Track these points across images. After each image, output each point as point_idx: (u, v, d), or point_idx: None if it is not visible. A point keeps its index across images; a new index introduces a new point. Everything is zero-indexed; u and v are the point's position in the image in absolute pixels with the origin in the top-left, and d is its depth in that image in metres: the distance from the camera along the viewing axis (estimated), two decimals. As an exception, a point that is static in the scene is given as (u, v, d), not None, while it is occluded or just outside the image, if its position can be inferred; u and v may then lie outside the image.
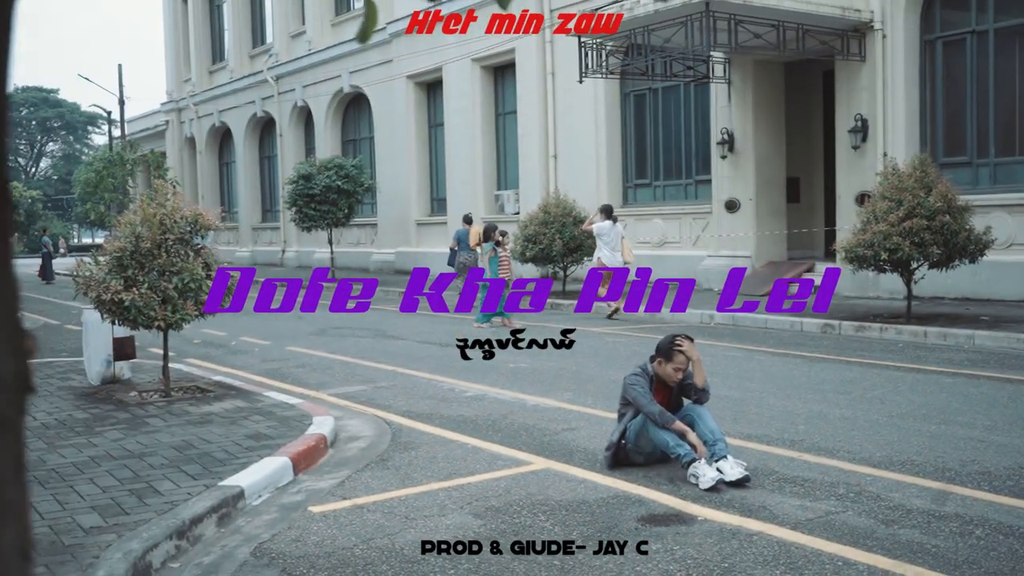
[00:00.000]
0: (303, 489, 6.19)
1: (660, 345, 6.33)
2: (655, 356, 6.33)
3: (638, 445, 6.26)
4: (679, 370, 6.24)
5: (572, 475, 6.24)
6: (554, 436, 7.36)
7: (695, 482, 5.85)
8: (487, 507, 5.62)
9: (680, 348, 6.20)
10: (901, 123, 16.65)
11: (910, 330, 12.76)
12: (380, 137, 30.49)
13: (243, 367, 11.41)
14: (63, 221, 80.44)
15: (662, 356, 6.28)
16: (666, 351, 6.26)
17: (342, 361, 11.64)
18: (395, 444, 7.27)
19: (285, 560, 4.90)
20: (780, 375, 9.85)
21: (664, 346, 6.29)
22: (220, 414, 8.08)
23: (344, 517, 5.54)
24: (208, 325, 16.20)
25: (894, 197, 13.31)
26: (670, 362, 6.23)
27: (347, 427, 7.90)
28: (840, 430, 7.24)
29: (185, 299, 8.83)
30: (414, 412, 8.43)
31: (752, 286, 18.28)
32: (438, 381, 10.00)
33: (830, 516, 5.24)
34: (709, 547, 4.81)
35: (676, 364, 6.23)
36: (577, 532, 5.12)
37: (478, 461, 6.68)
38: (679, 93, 21.42)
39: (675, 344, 6.22)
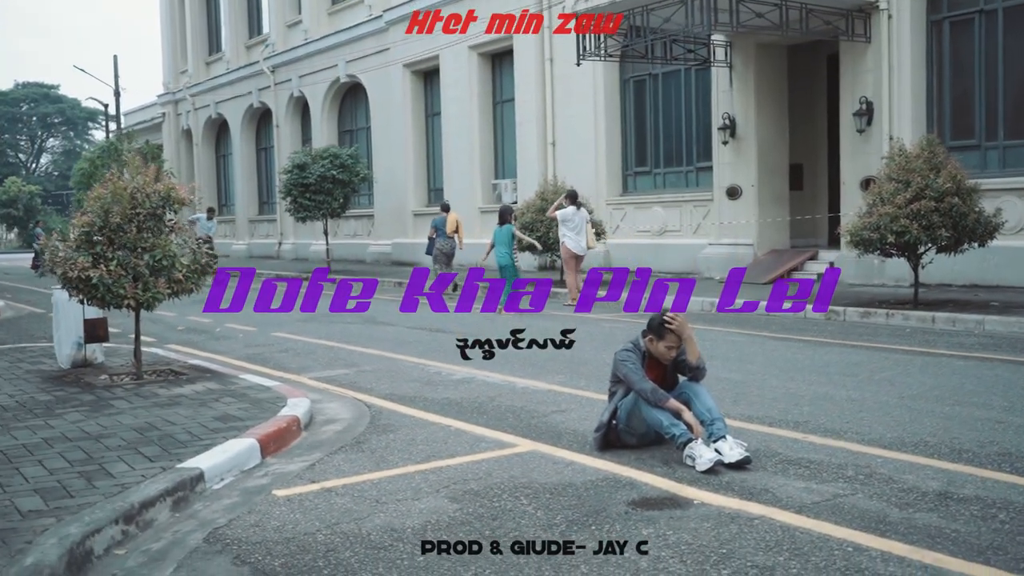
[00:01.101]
0: (270, 472, 5.75)
1: (651, 323, 5.88)
2: (646, 332, 5.88)
3: (630, 425, 5.81)
4: (672, 348, 5.80)
5: (559, 457, 5.79)
6: (542, 418, 6.91)
7: (691, 464, 5.40)
8: (465, 490, 5.17)
9: (671, 326, 5.76)
10: (907, 106, 16.17)
11: (917, 316, 12.30)
12: (376, 127, 30.03)
13: (225, 352, 10.97)
14: (62, 216, 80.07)
15: (653, 334, 5.83)
16: (657, 329, 5.81)
17: (327, 346, 11.20)
18: (373, 427, 6.83)
19: (240, 546, 4.46)
20: (783, 358, 9.40)
21: (655, 324, 5.84)
22: (190, 396, 7.64)
23: (310, 501, 5.10)
24: (194, 313, 15.85)
25: (901, 178, 12.86)
26: (661, 340, 5.79)
27: (324, 410, 7.46)
28: (847, 411, 6.80)
29: (157, 277, 8.38)
30: (397, 395, 7.99)
31: (754, 274, 17.82)
32: (425, 365, 9.56)
33: (838, 499, 4.79)
34: (706, 532, 4.37)
35: (668, 343, 5.79)
36: (561, 516, 4.68)
37: (459, 444, 6.23)
38: (679, 78, 20.95)
39: (665, 322, 5.77)
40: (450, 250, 19.15)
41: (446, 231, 19.16)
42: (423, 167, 28.68)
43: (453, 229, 19.22)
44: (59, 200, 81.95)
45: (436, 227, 19.35)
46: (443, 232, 19.17)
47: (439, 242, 19.09)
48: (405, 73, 28.05)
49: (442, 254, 19.07)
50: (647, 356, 5.87)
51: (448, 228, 19.18)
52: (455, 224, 19.31)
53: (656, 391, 5.63)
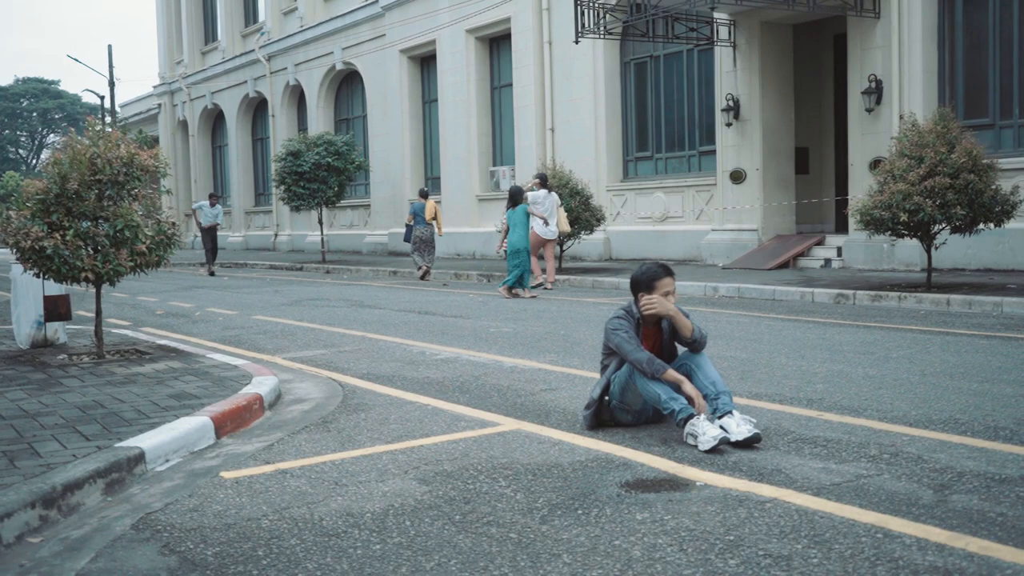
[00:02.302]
0: (223, 453, 5.14)
1: (635, 276, 5.27)
2: (636, 290, 5.26)
3: (624, 401, 5.20)
4: (668, 294, 5.17)
5: (545, 437, 5.18)
6: (530, 397, 6.31)
7: (693, 443, 4.79)
8: (437, 472, 4.57)
9: (661, 273, 5.16)
10: (918, 83, 15.53)
11: (931, 298, 11.68)
12: (373, 115, 29.42)
13: (200, 334, 10.37)
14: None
15: (642, 288, 5.21)
16: (646, 281, 5.19)
17: (308, 328, 10.60)
18: (345, 406, 6.22)
19: (172, 533, 3.86)
20: (791, 337, 8.79)
21: (641, 275, 5.23)
22: (148, 375, 7.03)
23: (261, 483, 4.50)
24: (175, 298, 15.28)
25: (914, 154, 12.24)
26: (653, 291, 5.17)
27: (294, 389, 6.86)
28: (865, 388, 6.18)
29: (119, 248, 7.78)
30: (374, 374, 7.38)
31: (759, 260, 17.20)
32: (409, 345, 8.95)
33: (862, 480, 4.18)
34: (709, 516, 3.76)
35: (662, 290, 5.16)
36: (544, 500, 4.07)
37: (436, 423, 5.63)
38: (682, 60, 20.32)
39: (650, 269, 5.18)
40: (429, 236, 19.09)
41: (425, 217, 19.16)
42: (420, 155, 28.08)
43: (432, 215, 19.24)
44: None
45: (414, 213, 19.38)
46: (422, 218, 19.17)
47: (417, 229, 19.06)
48: (402, 59, 27.44)
49: (420, 240, 19.01)
50: (641, 323, 5.25)
51: (427, 214, 19.19)
52: (433, 210, 19.35)
53: (653, 361, 5.01)
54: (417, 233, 19.02)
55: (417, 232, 19.03)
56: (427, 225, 19.11)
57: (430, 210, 19.31)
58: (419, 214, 19.25)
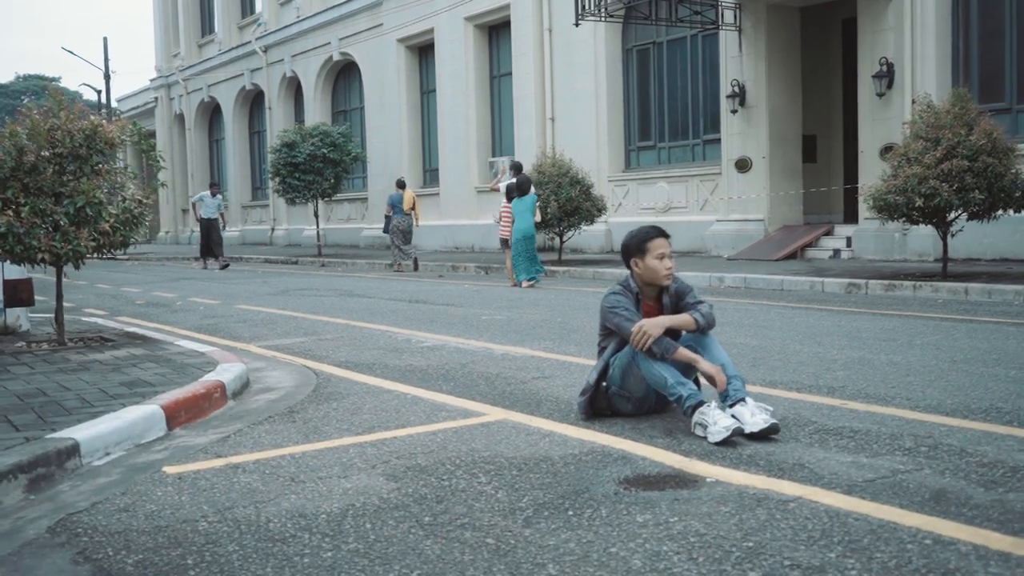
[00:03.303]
0: (173, 446, 4.57)
1: (625, 242, 4.70)
2: (629, 255, 4.68)
3: (625, 387, 4.62)
4: (664, 256, 4.59)
5: (535, 427, 4.60)
6: (520, 385, 5.72)
7: (702, 434, 4.22)
8: (409, 466, 3.99)
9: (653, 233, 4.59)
10: (931, 66, 14.92)
11: (948, 287, 11.08)
12: (370, 106, 28.84)
13: (176, 323, 9.80)
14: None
15: (634, 253, 4.64)
16: (636, 245, 4.62)
17: (291, 316, 10.03)
18: (316, 395, 5.64)
19: (92, 537, 3.29)
20: (804, 324, 8.21)
21: (631, 240, 4.66)
22: (106, 362, 6.46)
23: (206, 480, 3.93)
24: (160, 288, 14.72)
25: (930, 136, 11.64)
26: (647, 254, 4.59)
27: (264, 378, 6.29)
28: (891, 376, 5.59)
29: (80, 227, 7.21)
30: (353, 362, 6.81)
31: (765, 251, 16.61)
32: (394, 332, 8.38)
33: (900, 476, 3.60)
34: (723, 519, 3.18)
35: (657, 251, 4.59)
36: (529, 499, 3.49)
37: (414, 412, 5.05)
38: (685, 46, 19.72)
39: (640, 231, 4.62)
40: (407, 227, 19.04)
41: (403, 208, 19.10)
42: (418, 147, 27.50)
43: (410, 206, 19.18)
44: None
45: (392, 204, 19.26)
46: (400, 209, 19.10)
47: (396, 219, 18.99)
48: (399, 48, 26.87)
49: (399, 231, 18.96)
50: (641, 297, 4.67)
51: (405, 205, 19.14)
52: (412, 201, 19.30)
53: (660, 339, 4.42)
54: (395, 223, 18.95)
55: (395, 222, 18.95)
56: (405, 216, 19.03)
57: (408, 200, 19.21)
58: (397, 205, 19.15)
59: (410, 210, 19.16)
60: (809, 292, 11.89)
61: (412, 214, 19.21)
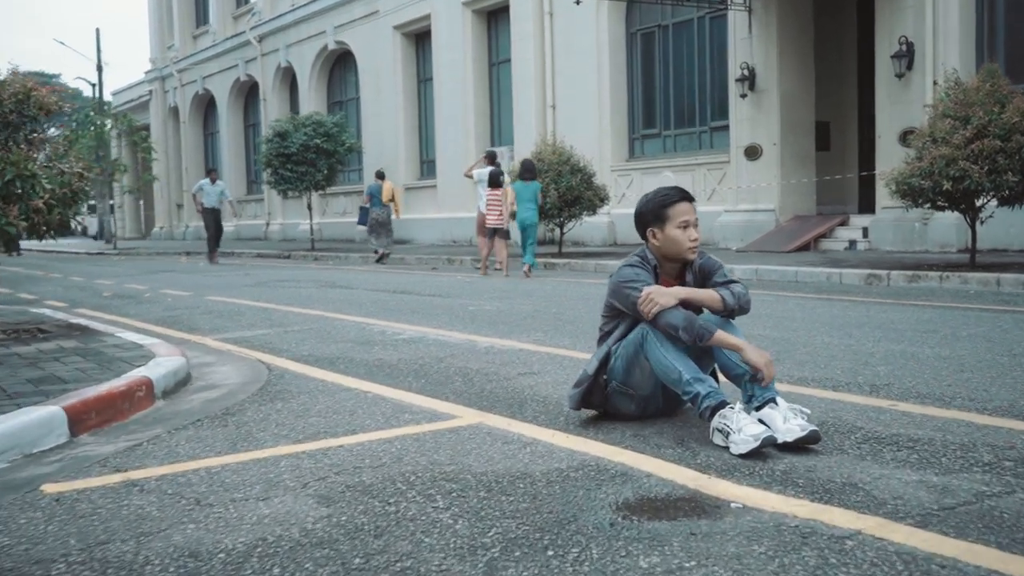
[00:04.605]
0: (70, 456, 3.71)
1: (640, 208, 3.83)
2: (645, 224, 3.82)
3: (629, 382, 3.75)
4: (687, 225, 3.73)
5: (515, 434, 3.74)
6: (503, 382, 4.86)
7: (723, 442, 3.35)
8: (350, 485, 3.13)
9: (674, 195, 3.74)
10: (954, 44, 14.03)
11: (978, 278, 10.20)
12: (366, 95, 27.97)
13: (135, 315, 8.94)
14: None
15: (650, 221, 3.77)
16: (654, 211, 3.76)
17: (262, 308, 9.18)
18: (262, 394, 4.78)
19: (-96, 585, 2.43)
20: (829, 315, 7.34)
21: (647, 204, 3.79)
22: (26, 355, 5.60)
23: (90, 502, 3.07)
24: (135, 281, 13.87)
25: (959, 114, 10.75)
26: (668, 222, 3.73)
27: (210, 374, 5.43)
28: (943, 372, 4.72)
29: (9, 204, 6.36)
30: (315, 356, 5.95)
31: (776, 242, 15.72)
32: (369, 324, 7.51)
33: (987, 503, 2.73)
34: (757, 564, 2.32)
35: (679, 219, 3.72)
36: (497, 531, 2.63)
37: (372, 415, 4.19)
38: (692, 28, 18.84)
39: (658, 193, 3.76)
40: (385, 218, 18.67)
41: (381, 199, 18.71)
42: (415, 138, 26.64)
43: (389, 197, 18.81)
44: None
45: (371, 195, 18.89)
46: (378, 200, 18.71)
47: (374, 211, 18.59)
48: (395, 36, 26.01)
49: (377, 223, 18.58)
50: (660, 272, 3.80)
51: (384, 196, 18.74)
52: (391, 192, 18.92)
53: (693, 322, 3.52)
54: (374, 215, 18.69)
55: (374, 214, 18.71)
56: (383, 207, 18.63)
57: (387, 191, 18.87)
58: (376, 195, 18.73)
59: (388, 201, 18.73)
60: (826, 283, 11.02)
61: (391, 205, 18.77)
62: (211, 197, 21.07)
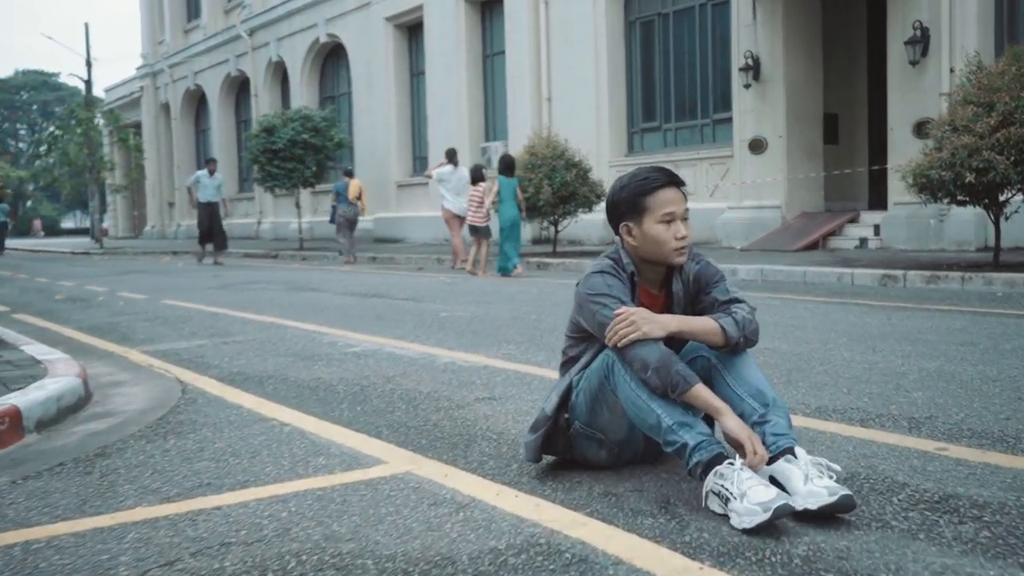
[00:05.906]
0: None
1: (615, 195, 2.94)
2: (619, 217, 2.93)
3: (596, 424, 2.86)
4: (671, 219, 2.84)
5: (449, 490, 2.85)
6: (453, 411, 3.97)
7: (721, 510, 2.46)
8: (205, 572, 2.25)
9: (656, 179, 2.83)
10: (972, 29, 13.14)
11: (1004, 278, 9.32)
12: (358, 89, 27.10)
13: (73, 322, 8.07)
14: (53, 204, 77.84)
15: (628, 214, 2.89)
16: (629, 199, 2.87)
17: (212, 313, 8.30)
18: (158, 426, 3.91)
19: None
20: (846, 323, 6.45)
21: (621, 190, 2.91)
22: None
23: None
24: (98, 282, 13.01)
25: (982, 100, 9.87)
26: (647, 214, 2.84)
27: (114, 396, 4.56)
28: (997, 400, 3.83)
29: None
30: (245, 374, 5.06)
31: (783, 241, 14.84)
32: (322, 333, 6.63)
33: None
34: None
35: (662, 211, 2.83)
36: (381, 669, 1.74)
37: (277, 458, 3.30)
38: (693, 16, 17.94)
39: (638, 174, 2.86)
40: (353, 216, 18.33)
41: (348, 197, 18.33)
42: (407, 134, 25.76)
43: (356, 195, 18.43)
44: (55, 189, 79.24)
45: (338, 193, 18.57)
46: (345, 198, 18.35)
47: (341, 209, 18.27)
48: (388, 28, 25.15)
49: (345, 220, 18.26)
50: (638, 280, 2.92)
51: (351, 194, 18.36)
52: (358, 190, 18.55)
53: (667, 364, 2.65)
54: (341, 213, 18.21)
55: (341, 212, 18.22)
56: (351, 205, 18.25)
57: (354, 189, 18.36)
58: (342, 193, 18.36)
59: (355, 199, 18.26)
60: (837, 285, 10.14)
61: (358, 204, 18.33)
62: (208, 190, 18.99)
